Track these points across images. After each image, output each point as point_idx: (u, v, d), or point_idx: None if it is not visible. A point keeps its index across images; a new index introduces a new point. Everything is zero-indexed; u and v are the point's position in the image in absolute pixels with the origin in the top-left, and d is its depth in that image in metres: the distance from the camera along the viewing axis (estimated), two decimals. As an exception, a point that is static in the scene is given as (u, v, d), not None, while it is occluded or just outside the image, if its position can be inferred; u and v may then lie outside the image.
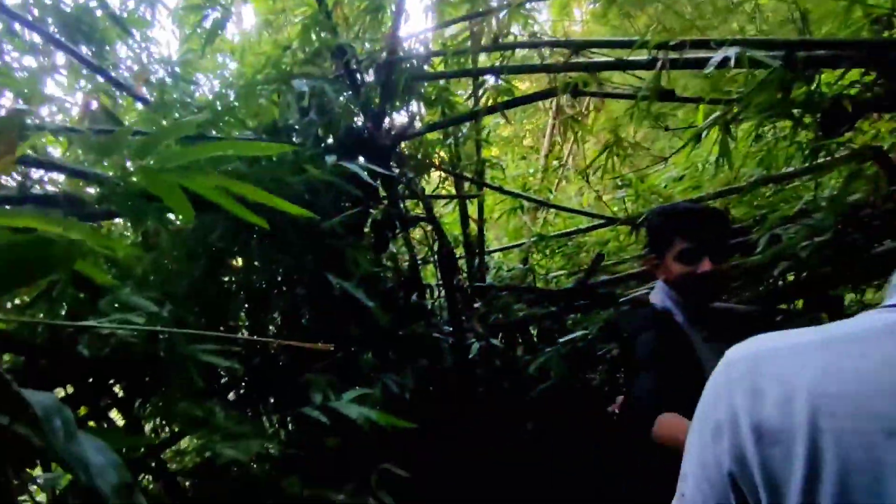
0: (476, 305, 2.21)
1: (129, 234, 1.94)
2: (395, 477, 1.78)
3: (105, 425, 1.49)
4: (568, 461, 2.35)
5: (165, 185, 0.76)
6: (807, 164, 1.59)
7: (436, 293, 3.21)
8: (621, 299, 2.14)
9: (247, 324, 2.27)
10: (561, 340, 2.28)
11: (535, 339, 2.99)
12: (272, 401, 2.08)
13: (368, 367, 2.16)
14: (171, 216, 1.56)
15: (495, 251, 3.76)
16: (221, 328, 1.91)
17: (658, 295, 1.05)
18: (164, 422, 1.69)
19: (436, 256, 3.07)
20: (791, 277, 1.76)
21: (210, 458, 1.40)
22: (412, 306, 2.61)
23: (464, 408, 2.49)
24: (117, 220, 1.96)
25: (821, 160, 1.54)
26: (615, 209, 2.82)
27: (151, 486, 1.55)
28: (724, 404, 0.42)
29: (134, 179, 1.13)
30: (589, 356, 2.56)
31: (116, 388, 1.56)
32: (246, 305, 2.09)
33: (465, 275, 2.22)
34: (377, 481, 1.76)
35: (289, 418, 2.14)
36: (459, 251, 2.72)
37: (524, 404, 2.17)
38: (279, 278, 2.03)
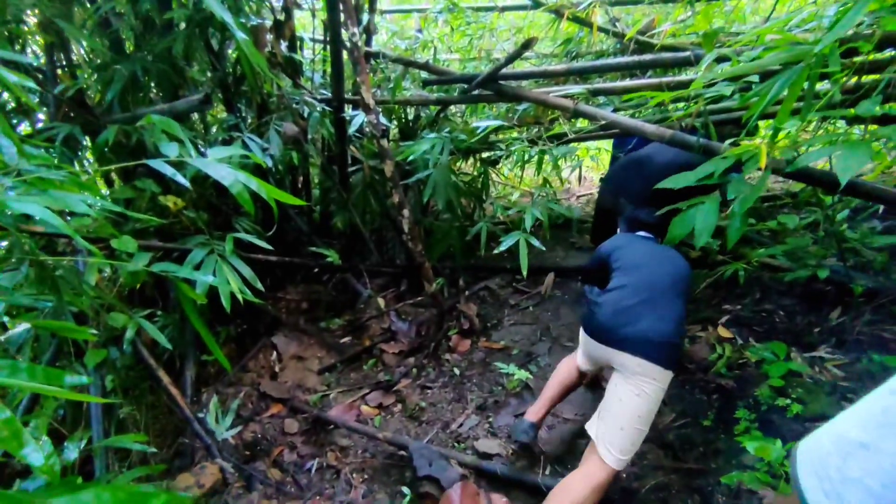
0: (367, 73, 1.84)
1: None
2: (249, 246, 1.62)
3: None
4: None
5: None
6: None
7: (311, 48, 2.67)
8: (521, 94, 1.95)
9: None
10: (477, 124, 2.07)
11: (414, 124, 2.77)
12: (89, 145, 1.64)
13: (227, 124, 1.78)
14: None
15: (390, 12, 3.14)
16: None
17: None
18: None
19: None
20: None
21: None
22: (282, 58, 2.12)
23: (334, 187, 2.32)
24: None
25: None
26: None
27: None
28: None
29: None
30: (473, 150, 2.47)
31: None
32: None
33: (353, 32, 1.76)
34: (231, 249, 1.59)
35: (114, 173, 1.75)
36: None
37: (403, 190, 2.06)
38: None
